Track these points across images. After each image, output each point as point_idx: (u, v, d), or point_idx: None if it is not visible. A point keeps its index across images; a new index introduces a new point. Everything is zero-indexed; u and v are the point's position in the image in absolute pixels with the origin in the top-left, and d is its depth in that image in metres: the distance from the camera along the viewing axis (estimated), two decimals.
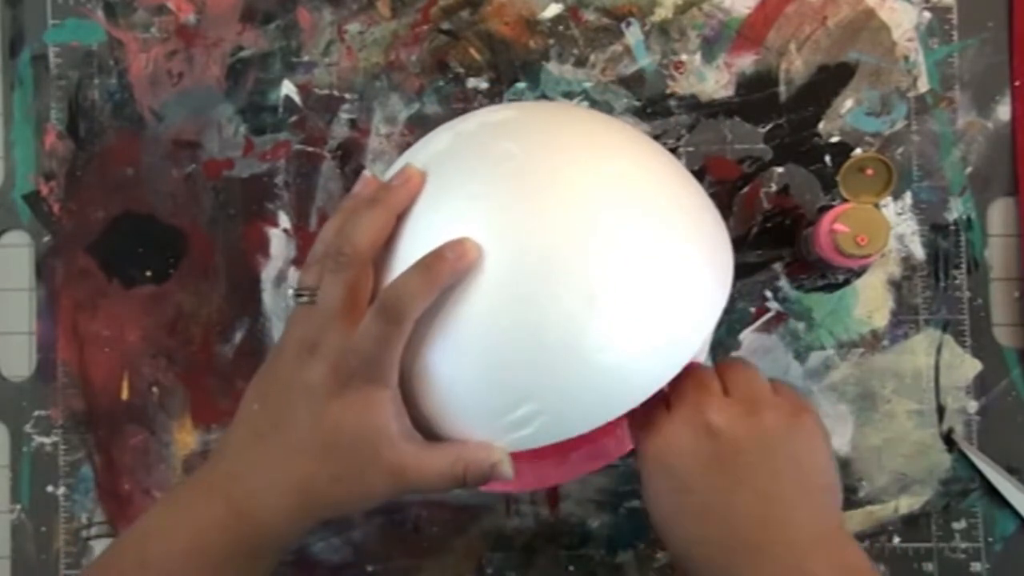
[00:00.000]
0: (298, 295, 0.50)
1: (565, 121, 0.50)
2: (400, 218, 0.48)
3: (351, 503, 0.48)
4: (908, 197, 0.65)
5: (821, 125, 0.65)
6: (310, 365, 0.47)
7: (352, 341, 0.46)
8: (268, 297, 0.67)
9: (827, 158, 0.65)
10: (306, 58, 0.67)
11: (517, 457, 0.48)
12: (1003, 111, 0.65)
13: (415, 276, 0.45)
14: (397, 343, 0.46)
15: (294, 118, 0.67)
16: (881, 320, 0.65)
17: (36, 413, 0.67)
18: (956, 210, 0.65)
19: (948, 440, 0.64)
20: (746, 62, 0.66)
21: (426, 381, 0.47)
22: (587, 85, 0.66)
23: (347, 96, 0.67)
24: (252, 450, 0.48)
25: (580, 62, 0.66)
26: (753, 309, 0.65)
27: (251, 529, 0.48)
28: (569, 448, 0.57)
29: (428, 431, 0.49)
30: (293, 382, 0.48)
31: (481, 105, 0.66)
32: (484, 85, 0.66)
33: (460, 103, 0.66)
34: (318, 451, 0.47)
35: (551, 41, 0.66)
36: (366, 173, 0.52)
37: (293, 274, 0.67)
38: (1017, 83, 0.65)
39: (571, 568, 0.65)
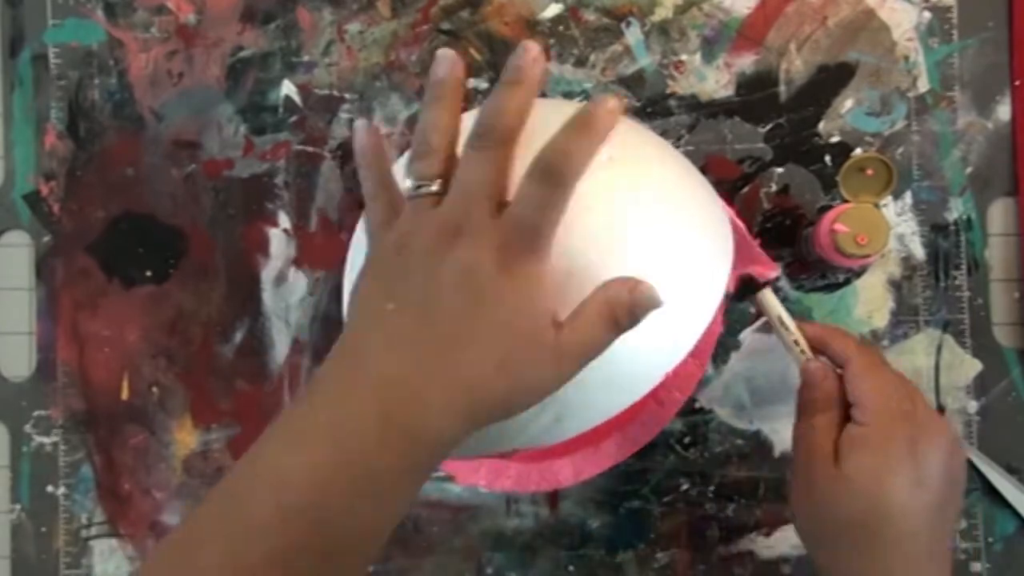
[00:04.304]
0: (419, 187, 0.44)
1: (540, 117, 0.50)
2: None
3: (518, 396, 0.43)
4: (908, 197, 0.65)
5: (821, 125, 0.65)
6: (458, 248, 0.42)
7: (508, 214, 0.42)
8: (268, 297, 0.67)
9: (827, 158, 0.65)
10: (306, 58, 0.67)
11: (549, 455, 0.47)
12: (1003, 111, 0.65)
13: (573, 133, 0.42)
14: (561, 208, 0.42)
15: (294, 118, 0.67)
16: (881, 320, 0.65)
17: (36, 413, 0.67)
18: (956, 210, 0.65)
19: None
20: (746, 62, 0.66)
21: None
22: (587, 85, 0.66)
23: (347, 96, 0.67)
24: (404, 352, 0.42)
25: (580, 62, 0.66)
26: (753, 309, 0.65)
27: (408, 439, 0.42)
28: (599, 438, 0.57)
29: None
30: (439, 271, 0.42)
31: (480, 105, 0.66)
32: (484, 85, 0.66)
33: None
34: (481, 337, 0.42)
35: (551, 41, 0.66)
36: (447, 51, 0.46)
37: (293, 274, 0.67)
38: (1017, 83, 0.65)
39: (571, 568, 0.65)
